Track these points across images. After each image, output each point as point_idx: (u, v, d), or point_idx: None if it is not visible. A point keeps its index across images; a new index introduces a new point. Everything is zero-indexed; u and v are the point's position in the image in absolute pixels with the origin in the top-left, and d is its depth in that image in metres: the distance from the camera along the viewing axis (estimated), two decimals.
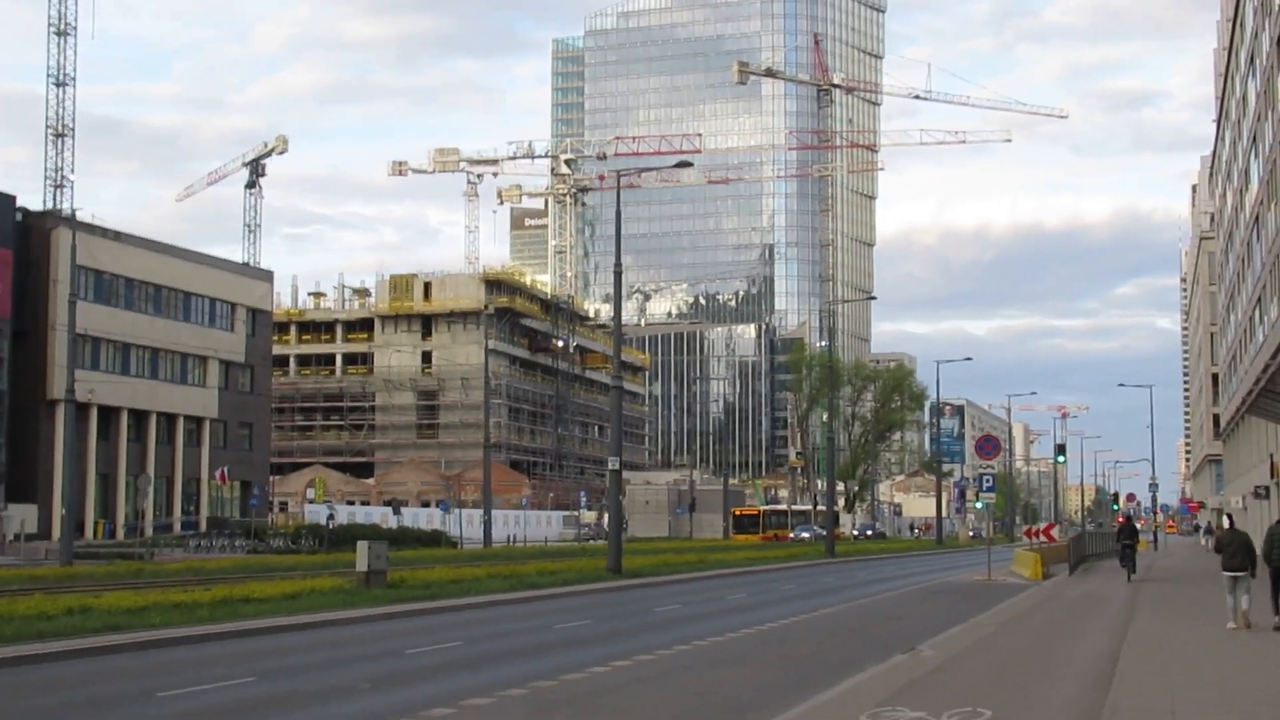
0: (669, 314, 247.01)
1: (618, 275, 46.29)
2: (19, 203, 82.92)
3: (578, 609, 32.00)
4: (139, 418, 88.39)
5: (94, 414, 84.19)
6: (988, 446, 47.29)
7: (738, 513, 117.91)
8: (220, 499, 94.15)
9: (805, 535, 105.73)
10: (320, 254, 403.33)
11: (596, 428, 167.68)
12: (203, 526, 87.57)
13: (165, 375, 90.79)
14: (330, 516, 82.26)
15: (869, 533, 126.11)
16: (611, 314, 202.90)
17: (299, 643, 23.74)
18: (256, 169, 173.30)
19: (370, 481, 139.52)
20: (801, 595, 39.09)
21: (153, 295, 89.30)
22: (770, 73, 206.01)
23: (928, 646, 22.20)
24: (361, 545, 33.64)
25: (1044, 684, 17.75)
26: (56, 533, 76.48)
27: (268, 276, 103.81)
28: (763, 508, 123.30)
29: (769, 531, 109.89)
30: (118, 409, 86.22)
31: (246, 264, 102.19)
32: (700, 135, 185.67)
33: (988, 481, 47.43)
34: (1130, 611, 30.17)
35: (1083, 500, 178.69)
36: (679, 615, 30.95)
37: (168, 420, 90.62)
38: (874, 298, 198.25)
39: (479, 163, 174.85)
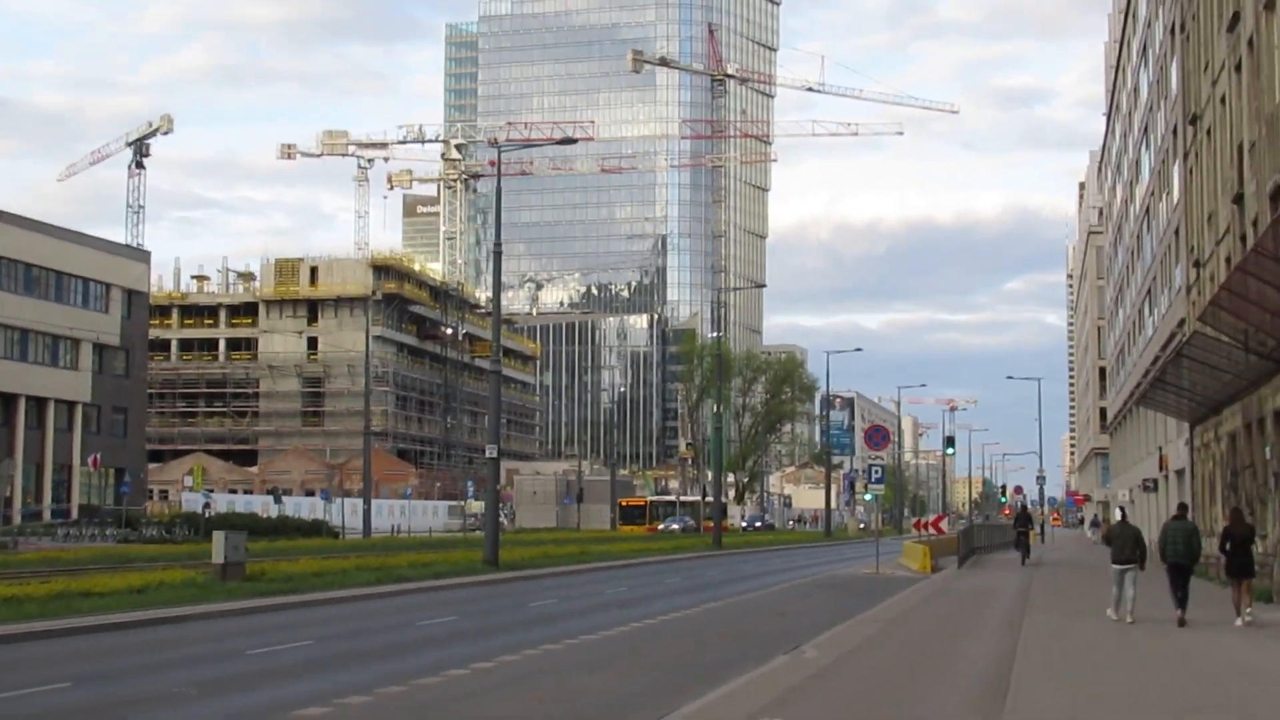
0: (561, 304, 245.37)
1: (497, 255, 44.82)
2: None
3: (446, 604, 30.37)
4: (7, 401, 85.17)
5: None
6: (876, 437, 46.18)
7: (624, 504, 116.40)
8: (93, 487, 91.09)
9: (675, 527, 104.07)
10: (211, 239, 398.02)
11: (485, 417, 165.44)
12: (74, 515, 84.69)
13: (35, 358, 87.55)
14: (206, 505, 79.75)
15: (758, 524, 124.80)
16: (504, 302, 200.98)
17: (134, 642, 21.91)
18: (140, 149, 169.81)
19: (254, 470, 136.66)
20: (684, 590, 37.69)
21: (22, 274, 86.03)
22: (664, 62, 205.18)
23: (811, 646, 20.83)
24: (217, 535, 31.75)
25: (936, 690, 16.40)
26: None
27: (144, 257, 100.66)
28: (650, 498, 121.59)
29: (655, 523, 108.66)
30: None
31: (123, 244, 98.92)
32: (593, 123, 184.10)
33: (876, 473, 46.27)
34: (1023, 607, 29.07)
35: (970, 493, 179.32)
36: (553, 611, 29.41)
37: (38, 404, 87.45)
38: (763, 285, 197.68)
39: (368, 146, 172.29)
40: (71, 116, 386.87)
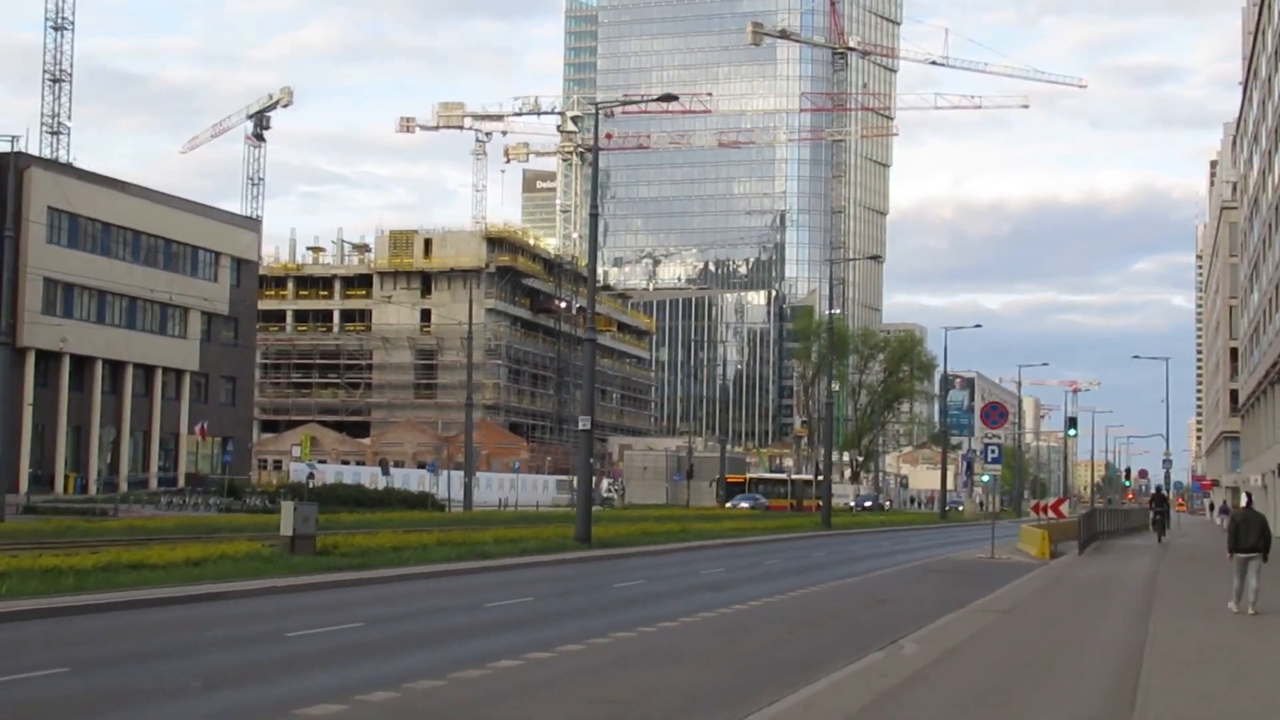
0: (679, 279, 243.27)
1: (593, 219, 42.60)
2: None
3: (525, 584, 28.46)
4: (115, 369, 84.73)
5: (66, 364, 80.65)
6: (994, 414, 43.60)
7: (730, 479, 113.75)
8: (201, 455, 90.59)
9: (745, 505, 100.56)
10: (335, 214, 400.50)
11: (600, 391, 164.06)
12: (180, 483, 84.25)
13: (143, 325, 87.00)
14: (310, 476, 78.91)
15: (867, 505, 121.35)
16: (621, 278, 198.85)
17: (166, 620, 20.20)
18: (260, 121, 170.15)
19: (366, 441, 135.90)
20: (784, 572, 35.54)
21: (131, 241, 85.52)
22: (785, 34, 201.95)
23: (912, 640, 18.66)
24: (286, 506, 30.09)
25: (1051, 699, 14.20)
26: (24, 486, 73.34)
27: (254, 226, 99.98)
28: (750, 475, 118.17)
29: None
30: (92, 359, 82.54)
31: (233, 213, 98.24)
32: (710, 95, 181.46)
33: (993, 452, 43.77)
34: (1149, 598, 26.61)
35: (1092, 476, 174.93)
36: (638, 594, 27.40)
37: (145, 372, 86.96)
38: (877, 257, 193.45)
39: (483, 118, 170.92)
40: (199, 91, 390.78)
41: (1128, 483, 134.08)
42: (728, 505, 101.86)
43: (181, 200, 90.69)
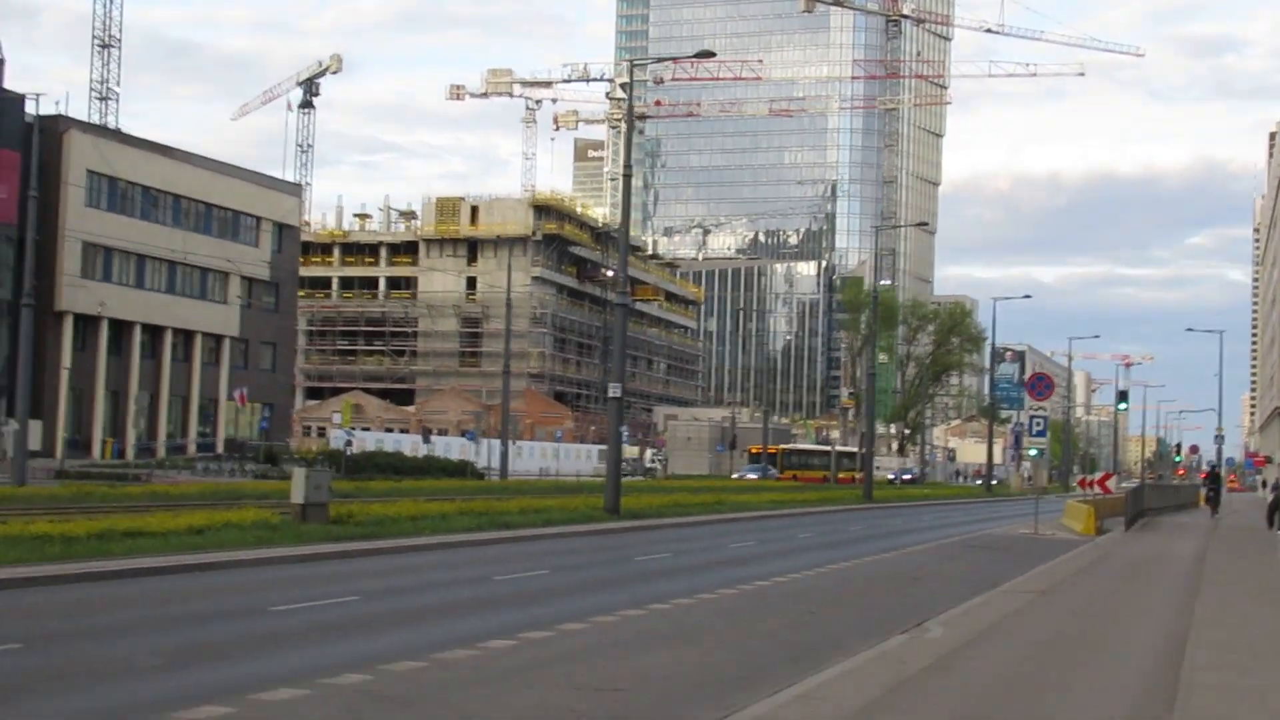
0: (729, 249, 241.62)
1: (626, 179, 41.43)
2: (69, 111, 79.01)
3: (543, 555, 27.41)
4: (154, 333, 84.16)
5: (104, 328, 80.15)
6: (1040, 385, 42.28)
7: (753, 450, 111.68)
8: (241, 421, 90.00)
9: (751, 476, 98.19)
10: (389, 182, 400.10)
11: (646, 361, 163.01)
12: (219, 449, 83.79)
13: (183, 290, 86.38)
14: (348, 443, 78.06)
15: (906, 478, 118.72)
16: (670, 247, 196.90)
17: (148, 591, 19.20)
18: (310, 88, 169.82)
19: (411, 409, 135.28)
20: (816, 546, 34.33)
21: (171, 205, 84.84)
22: (838, 1, 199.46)
23: (939, 623, 17.47)
24: (297, 473, 29.11)
25: (1084, 691, 13.01)
26: (60, 451, 72.90)
27: (296, 190, 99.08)
28: (783, 447, 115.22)
29: (788, 472, 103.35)
30: (130, 323, 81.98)
31: (275, 177, 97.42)
32: (761, 61, 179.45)
33: (1039, 425, 42.40)
34: (1196, 579, 25.30)
35: (1143, 452, 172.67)
36: (659, 568, 26.27)
37: (185, 337, 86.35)
38: (924, 224, 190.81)
39: (532, 85, 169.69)
40: (255, 61, 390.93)
41: (1179, 458, 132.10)
42: (734, 476, 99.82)
43: (223, 164, 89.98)
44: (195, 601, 18.38)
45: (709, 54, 45.87)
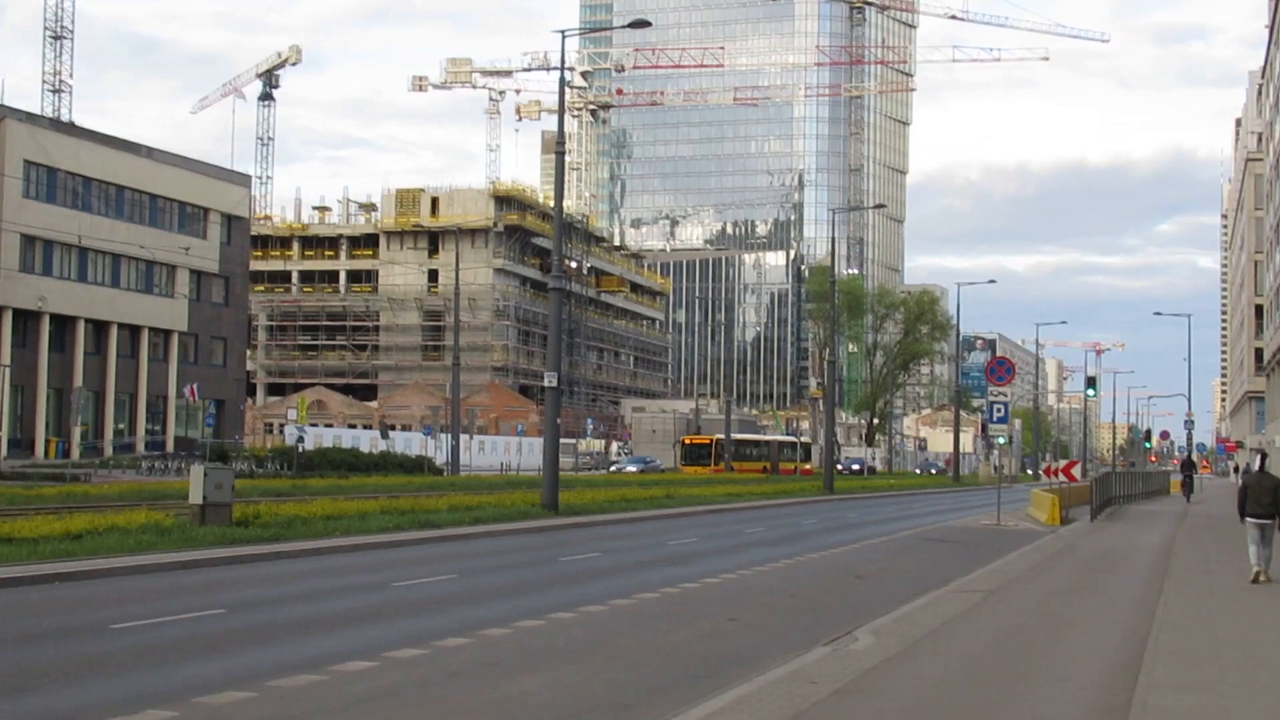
0: (698, 240, 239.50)
1: (560, 156, 39.17)
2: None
3: (458, 557, 25.41)
4: (98, 329, 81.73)
5: (46, 323, 77.72)
6: (1000, 370, 40.40)
7: (688, 441, 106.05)
8: (191, 419, 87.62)
9: (631, 469, 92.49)
10: (358, 177, 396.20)
11: (613, 353, 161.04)
12: (169, 446, 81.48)
13: (127, 283, 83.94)
14: (300, 439, 75.89)
15: (855, 467, 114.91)
16: (639, 239, 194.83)
17: None
18: (270, 80, 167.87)
19: (374, 404, 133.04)
20: (763, 542, 32.36)
21: (114, 196, 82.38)
22: None
23: (871, 630, 15.56)
24: (196, 471, 26.94)
25: (1024, 714, 11.11)
26: (3, 450, 70.66)
27: (245, 181, 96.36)
28: (717, 436, 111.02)
29: (722, 464, 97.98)
30: (73, 319, 79.52)
31: (222, 167, 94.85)
32: (723, 49, 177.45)
33: (999, 411, 40.51)
34: (1161, 574, 23.49)
35: (1114, 439, 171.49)
36: (584, 569, 24.26)
37: (131, 332, 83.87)
38: (882, 205, 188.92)
39: (492, 74, 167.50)
40: (220, 56, 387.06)
41: (1149, 445, 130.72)
42: (611, 470, 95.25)
43: (168, 155, 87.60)
44: (29, 618, 16.32)
45: (644, 23, 43.83)
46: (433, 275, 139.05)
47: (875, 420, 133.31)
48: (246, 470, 61.97)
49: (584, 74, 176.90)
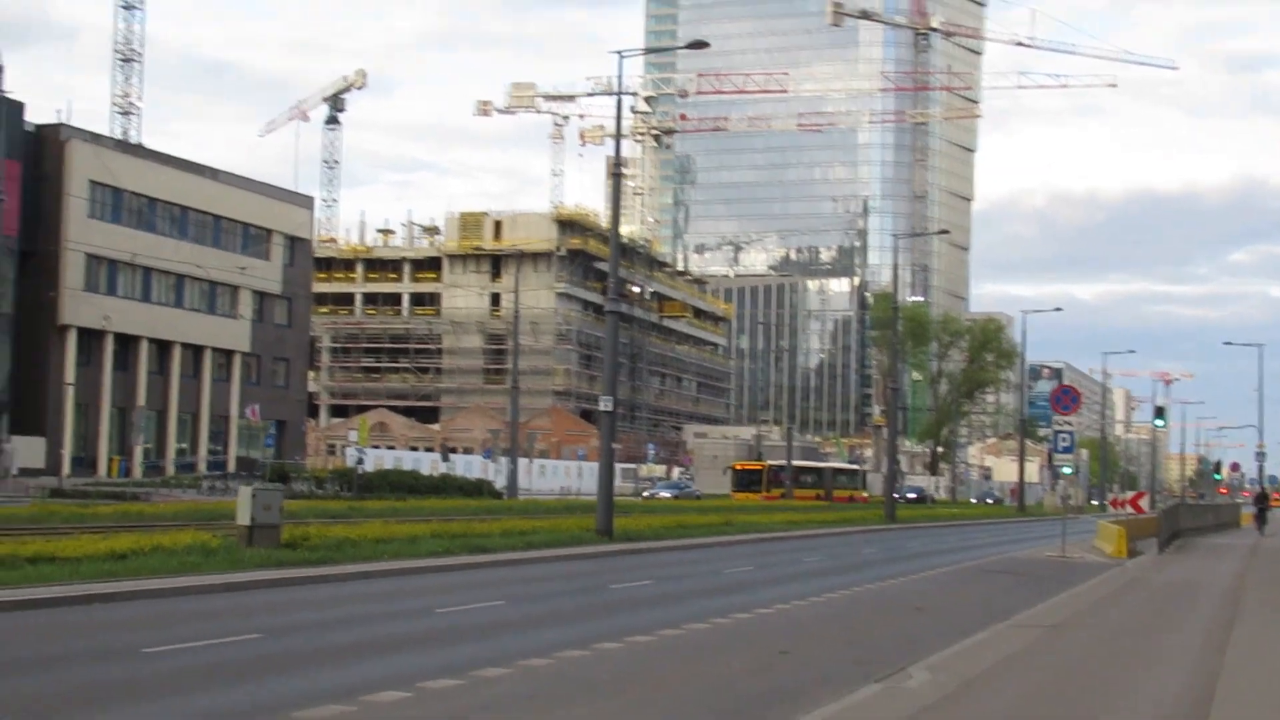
0: (762, 266, 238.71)
1: (616, 179, 38.87)
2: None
3: (508, 582, 24.92)
4: (162, 349, 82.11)
5: (110, 343, 78.13)
6: (1065, 399, 39.57)
7: (737, 467, 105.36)
8: (253, 439, 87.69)
9: (665, 494, 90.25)
10: (424, 201, 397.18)
11: (675, 378, 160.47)
12: (230, 467, 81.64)
13: (191, 304, 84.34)
14: (359, 461, 75.75)
15: (910, 496, 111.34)
16: (702, 264, 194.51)
17: (18, 627, 16.74)
18: (336, 104, 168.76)
19: (435, 427, 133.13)
20: (820, 571, 31.71)
21: (178, 217, 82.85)
22: (866, 15, 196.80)
23: (926, 667, 14.93)
24: (244, 492, 26.56)
25: None
26: (66, 468, 70.86)
27: (308, 203, 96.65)
28: (769, 463, 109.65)
29: (775, 491, 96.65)
30: (137, 338, 79.93)
31: (286, 189, 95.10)
32: (787, 74, 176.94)
33: (1064, 440, 39.66)
34: (1232, 610, 22.68)
35: (1183, 470, 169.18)
36: (634, 597, 23.72)
37: (194, 352, 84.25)
38: (945, 232, 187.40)
39: (555, 99, 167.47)
40: (290, 80, 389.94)
41: (1219, 476, 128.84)
42: (645, 496, 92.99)
43: (232, 176, 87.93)
44: (60, 640, 15.96)
45: (703, 44, 43.37)
46: (495, 299, 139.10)
47: (939, 449, 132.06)
48: (306, 491, 61.93)
49: (648, 99, 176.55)
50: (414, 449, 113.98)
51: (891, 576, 30.32)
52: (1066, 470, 63.56)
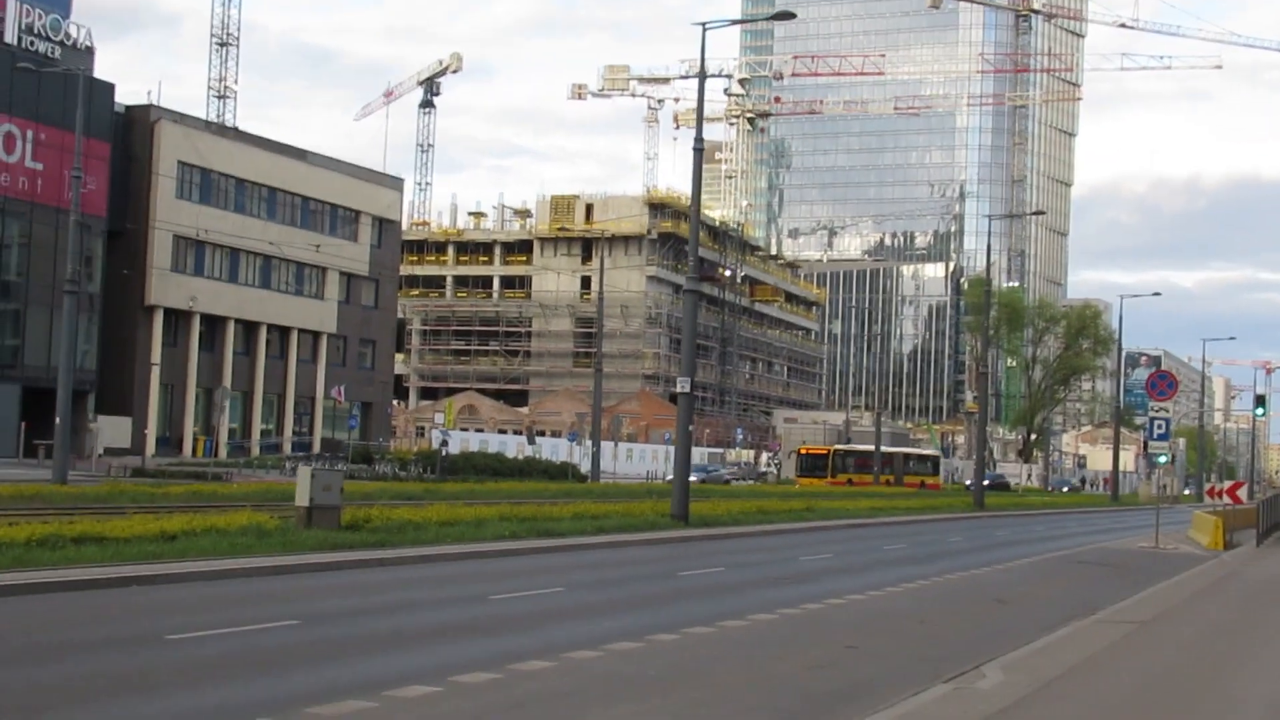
0: (856, 251, 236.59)
1: (698, 154, 38.03)
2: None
3: (573, 568, 24.08)
4: (248, 329, 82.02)
5: (196, 323, 78.04)
6: (1161, 384, 38.17)
7: (802, 451, 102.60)
8: (338, 420, 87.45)
9: (693, 478, 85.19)
10: (521, 186, 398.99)
11: (765, 363, 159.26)
12: (316, 448, 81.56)
13: (278, 285, 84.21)
14: (444, 443, 75.43)
15: (986, 483, 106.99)
16: (795, 249, 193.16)
17: (53, 609, 16.08)
18: (431, 88, 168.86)
19: (524, 410, 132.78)
20: (902, 560, 30.58)
21: (266, 198, 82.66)
22: None
23: (1002, 666, 13.89)
24: (303, 473, 25.81)
25: None
26: (150, 448, 70.92)
27: (397, 184, 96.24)
28: (835, 446, 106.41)
29: (840, 476, 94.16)
30: (224, 319, 79.84)
31: (375, 170, 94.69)
32: (884, 57, 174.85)
33: (1160, 427, 38.27)
34: None
35: None
36: (704, 584, 22.77)
37: (280, 333, 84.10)
38: (1041, 213, 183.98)
39: (650, 81, 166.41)
40: (389, 66, 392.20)
41: None
42: (666, 479, 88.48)
43: (320, 157, 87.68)
44: (84, 625, 15.25)
45: (789, 15, 42.39)
46: (585, 282, 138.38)
47: (1033, 436, 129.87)
48: (389, 473, 61.56)
49: (742, 82, 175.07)
50: (502, 432, 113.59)
51: (975, 566, 29.18)
52: (1161, 458, 61.82)
